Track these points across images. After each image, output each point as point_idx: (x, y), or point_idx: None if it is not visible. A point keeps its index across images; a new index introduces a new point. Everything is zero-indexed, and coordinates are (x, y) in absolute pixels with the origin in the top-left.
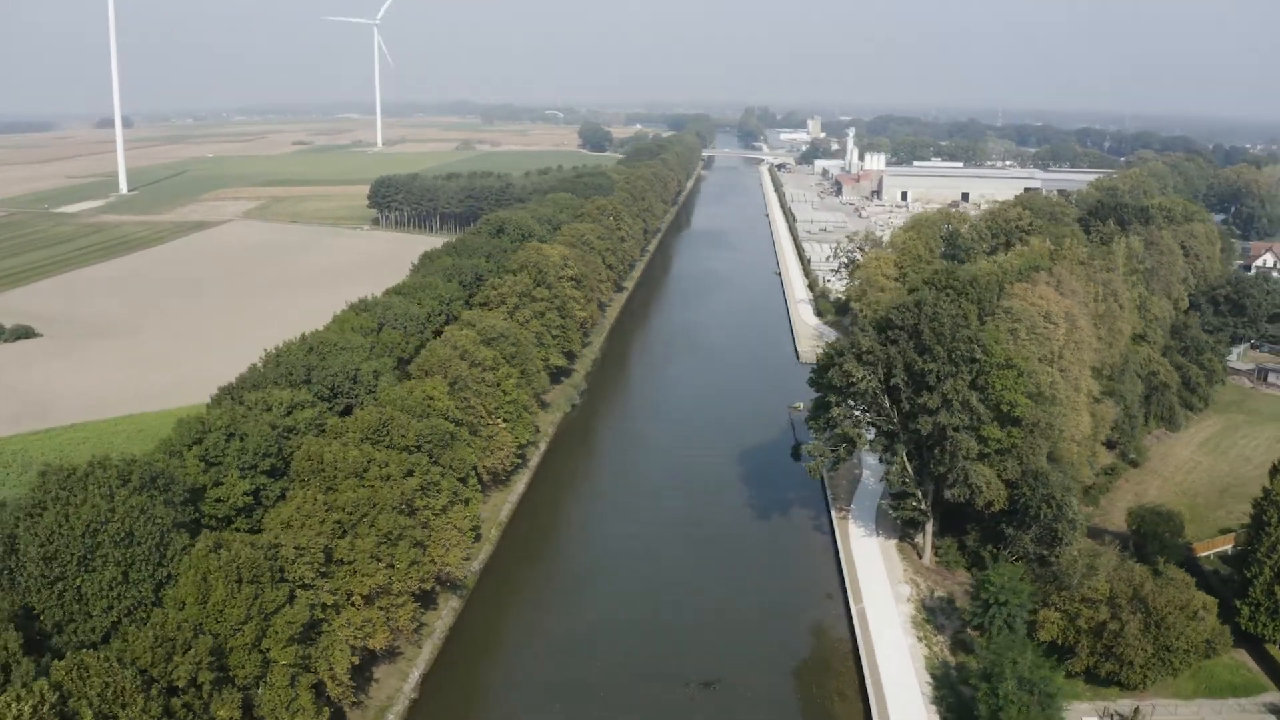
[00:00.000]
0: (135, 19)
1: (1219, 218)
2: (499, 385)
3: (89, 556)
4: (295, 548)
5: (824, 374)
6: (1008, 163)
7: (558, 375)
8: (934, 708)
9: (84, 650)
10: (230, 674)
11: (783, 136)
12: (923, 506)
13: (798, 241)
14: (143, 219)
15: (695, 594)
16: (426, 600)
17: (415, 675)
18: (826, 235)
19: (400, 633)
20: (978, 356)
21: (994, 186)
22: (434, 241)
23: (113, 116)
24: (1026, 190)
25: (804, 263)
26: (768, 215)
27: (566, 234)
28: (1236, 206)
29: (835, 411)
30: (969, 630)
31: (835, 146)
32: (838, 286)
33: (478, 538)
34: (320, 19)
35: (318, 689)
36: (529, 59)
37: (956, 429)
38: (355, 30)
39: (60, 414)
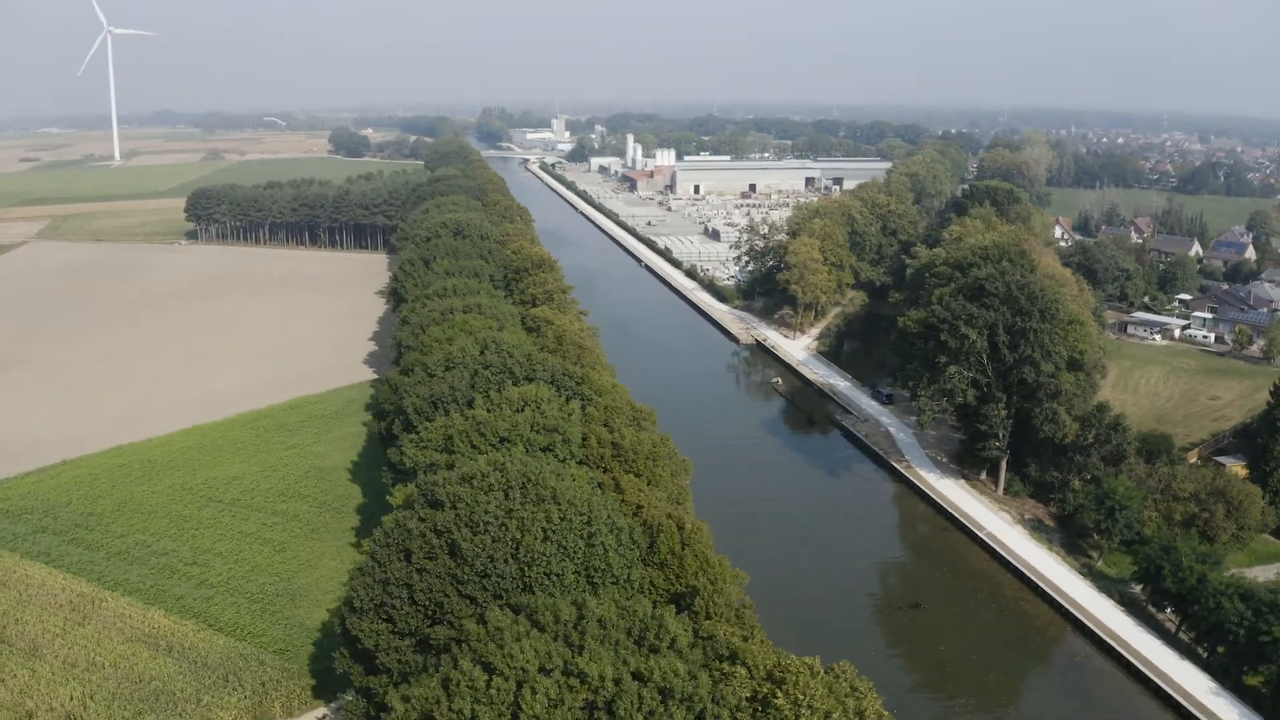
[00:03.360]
0: None
1: None
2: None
3: (588, 551)
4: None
5: (925, 340)
6: (765, 154)
7: None
8: (1102, 595)
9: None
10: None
11: (529, 136)
12: (1003, 446)
13: (643, 237)
14: None
15: (828, 544)
16: None
17: None
18: (652, 230)
19: None
20: (1059, 314)
21: (778, 177)
22: (266, 253)
23: None
24: (808, 180)
25: (665, 254)
26: (583, 214)
27: (512, 232)
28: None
29: (951, 370)
30: (1094, 535)
31: (597, 143)
32: (723, 274)
33: None
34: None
35: None
36: (230, 66)
37: (1051, 375)
38: (35, 37)
39: (29, 454)
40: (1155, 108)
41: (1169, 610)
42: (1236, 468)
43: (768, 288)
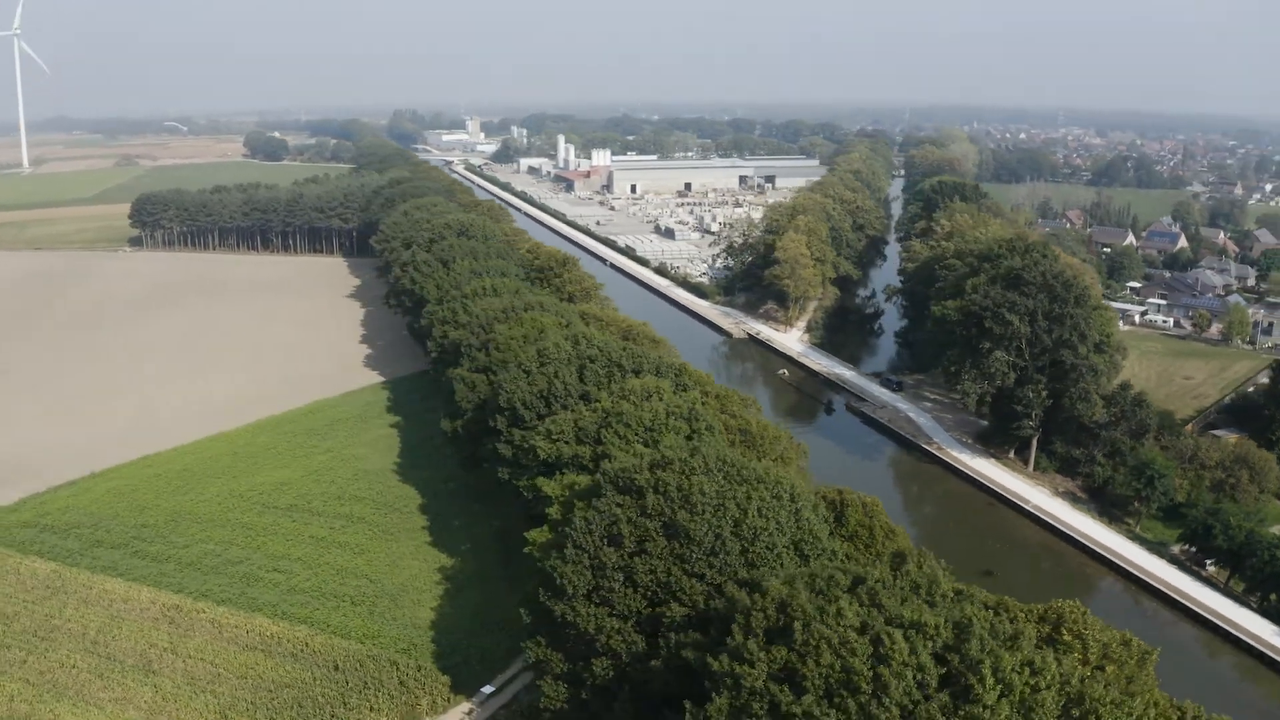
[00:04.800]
0: None
1: None
2: None
3: (797, 526)
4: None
5: (966, 327)
6: (689, 153)
7: None
8: (1147, 551)
9: None
10: None
11: (445, 138)
12: (1036, 424)
13: (600, 236)
14: None
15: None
16: None
17: None
18: (602, 229)
19: None
20: (1089, 300)
21: (712, 176)
22: (219, 258)
23: None
24: (741, 179)
25: (628, 253)
26: (529, 215)
27: (509, 232)
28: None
29: (997, 354)
30: (1134, 503)
31: (523, 144)
32: (695, 272)
33: None
34: None
35: None
36: (124, 71)
37: (1085, 356)
38: None
39: (51, 467)
40: (1050, 103)
41: (1211, 567)
42: (1232, 439)
43: (749, 283)
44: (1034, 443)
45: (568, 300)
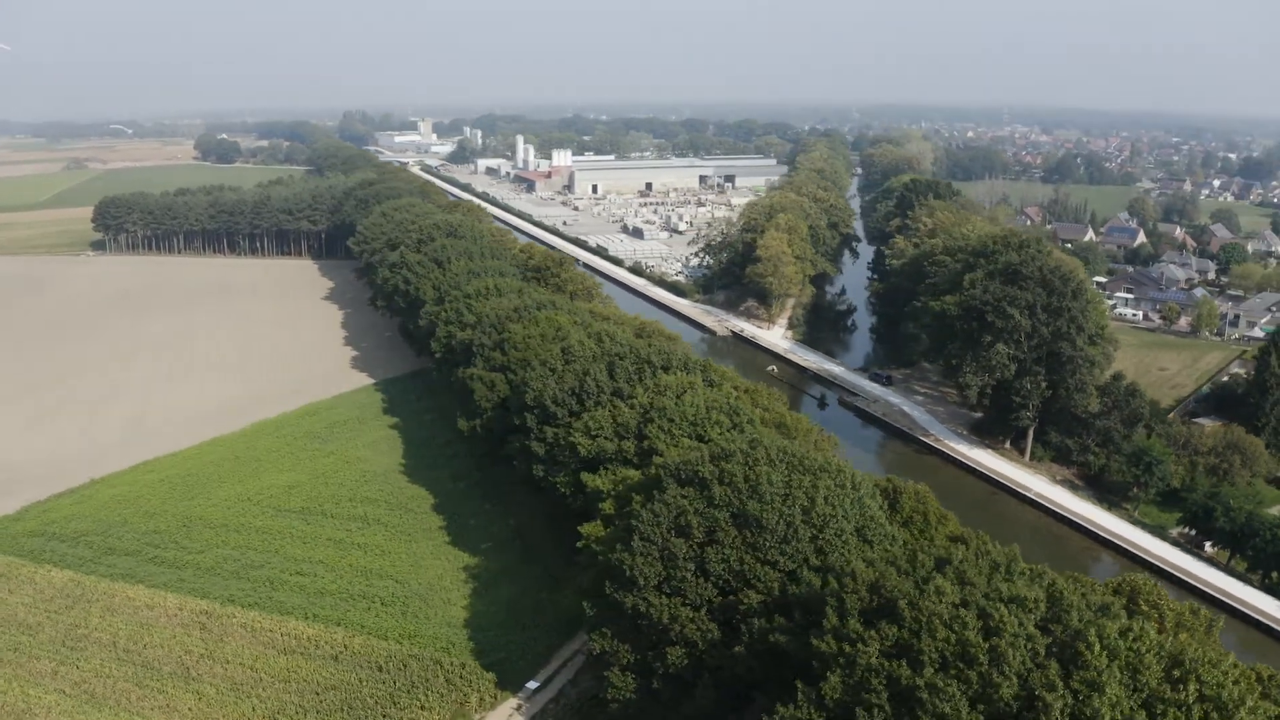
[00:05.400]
0: None
1: None
2: None
3: (860, 513)
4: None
5: (966, 321)
6: (646, 153)
7: None
8: (1150, 534)
9: None
10: None
11: (398, 139)
12: (1034, 415)
13: (569, 236)
14: None
15: None
16: None
17: None
18: (569, 229)
19: None
20: (1085, 293)
21: (673, 175)
22: (187, 262)
23: None
24: (701, 179)
25: (601, 253)
26: (494, 216)
27: (496, 232)
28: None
29: (999, 347)
30: (1134, 489)
31: (479, 145)
32: (670, 270)
33: None
34: None
35: None
36: (61, 74)
37: (1081, 348)
38: None
39: (52, 475)
40: (992, 101)
41: (1210, 548)
42: (1215, 427)
43: (727, 281)
44: (1030, 433)
45: (570, 299)
